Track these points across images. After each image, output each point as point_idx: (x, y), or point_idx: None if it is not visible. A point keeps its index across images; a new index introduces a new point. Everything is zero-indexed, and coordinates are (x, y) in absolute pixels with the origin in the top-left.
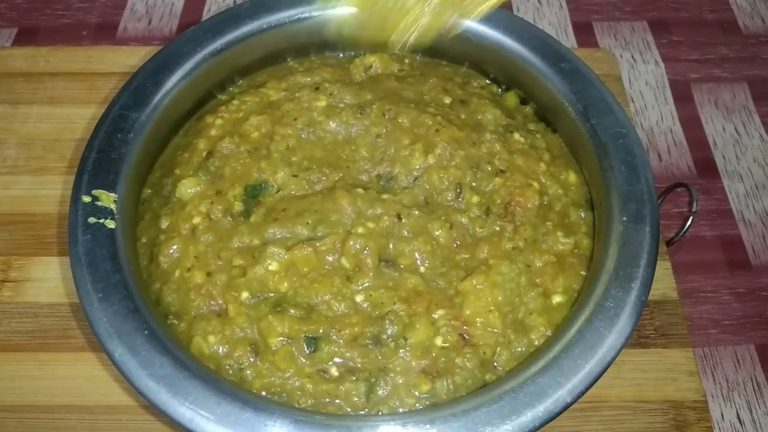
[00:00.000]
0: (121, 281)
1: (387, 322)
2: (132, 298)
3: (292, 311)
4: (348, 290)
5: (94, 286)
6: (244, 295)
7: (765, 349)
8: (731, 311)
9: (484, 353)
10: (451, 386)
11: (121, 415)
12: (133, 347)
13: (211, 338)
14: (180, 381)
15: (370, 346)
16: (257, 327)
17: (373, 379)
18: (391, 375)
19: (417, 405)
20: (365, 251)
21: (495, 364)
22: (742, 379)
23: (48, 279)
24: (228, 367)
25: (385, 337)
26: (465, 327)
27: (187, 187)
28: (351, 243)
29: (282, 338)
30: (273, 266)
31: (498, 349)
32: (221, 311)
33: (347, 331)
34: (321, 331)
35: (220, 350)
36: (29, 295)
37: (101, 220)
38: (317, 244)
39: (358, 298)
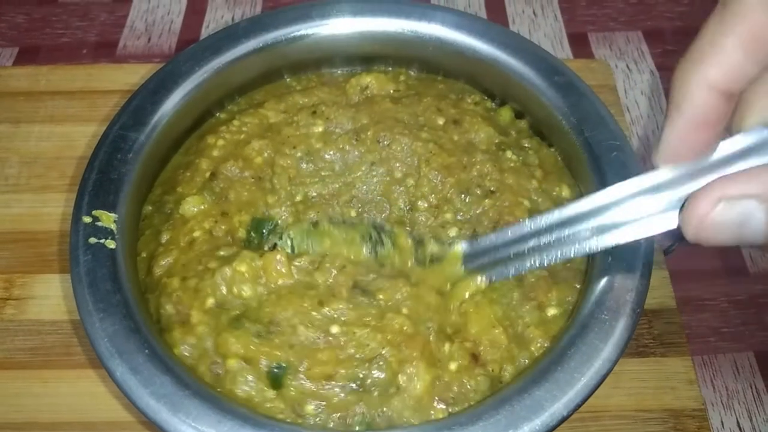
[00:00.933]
0: (121, 301)
1: (375, 367)
2: (132, 318)
3: (248, 326)
4: (319, 315)
5: (96, 306)
6: (210, 301)
7: (764, 357)
8: (730, 319)
9: (493, 370)
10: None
11: (123, 431)
12: (134, 366)
13: (175, 350)
14: (181, 399)
15: (353, 388)
16: (215, 342)
17: (369, 419)
18: (392, 412)
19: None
20: (342, 268)
21: (501, 381)
22: (742, 387)
23: (50, 296)
24: None
25: (369, 382)
26: (477, 347)
27: (192, 205)
28: (328, 259)
29: (239, 361)
30: (242, 267)
31: (504, 365)
32: (185, 319)
33: (318, 370)
34: (285, 361)
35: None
36: (32, 313)
37: (102, 240)
38: (292, 256)
39: (334, 330)
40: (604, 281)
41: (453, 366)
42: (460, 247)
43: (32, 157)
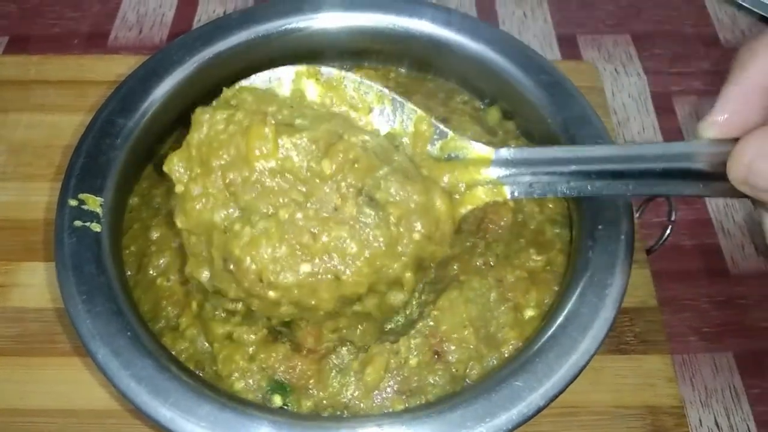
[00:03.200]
0: (105, 284)
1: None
2: (115, 301)
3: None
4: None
5: (79, 289)
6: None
7: (743, 357)
8: (710, 319)
9: (456, 370)
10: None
11: (107, 419)
12: (115, 348)
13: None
14: (161, 382)
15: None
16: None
17: (338, 412)
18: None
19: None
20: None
21: (467, 380)
22: (720, 386)
23: (35, 284)
24: None
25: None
26: (441, 344)
27: None
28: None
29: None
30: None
31: (470, 363)
32: (175, 325)
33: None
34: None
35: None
36: (16, 300)
37: (87, 224)
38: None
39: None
40: (584, 275)
41: (413, 361)
42: (492, 150)
43: (20, 145)
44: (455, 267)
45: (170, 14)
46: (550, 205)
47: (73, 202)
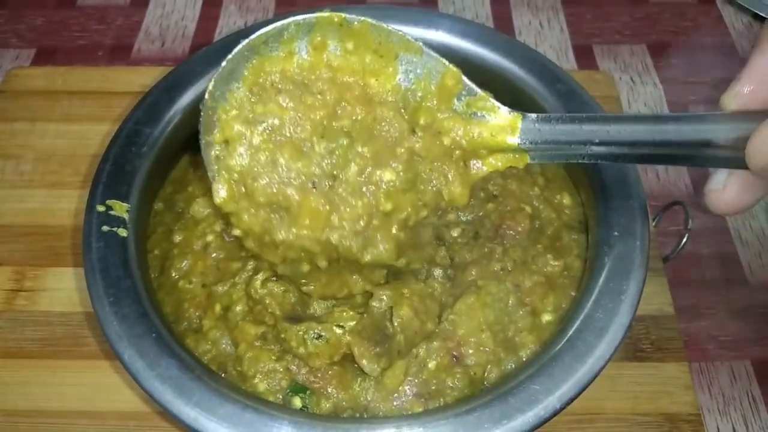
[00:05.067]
0: (131, 287)
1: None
2: (141, 303)
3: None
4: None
5: (106, 291)
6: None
7: (761, 365)
8: (728, 327)
9: (475, 373)
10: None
11: (130, 421)
12: (141, 349)
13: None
14: (185, 382)
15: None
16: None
17: (357, 414)
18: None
19: None
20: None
21: (486, 383)
22: (738, 394)
23: (61, 289)
24: None
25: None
26: (458, 348)
27: (202, 207)
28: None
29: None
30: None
31: (488, 367)
32: (198, 327)
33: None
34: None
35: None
36: (43, 304)
37: (114, 229)
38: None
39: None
40: (600, 281)
41: (432, 364)
42: (519, 117)
43: (47, 154)
44: (473, 272)
45: (192, 27)
46: (567, 212)
47: (100, 208)
